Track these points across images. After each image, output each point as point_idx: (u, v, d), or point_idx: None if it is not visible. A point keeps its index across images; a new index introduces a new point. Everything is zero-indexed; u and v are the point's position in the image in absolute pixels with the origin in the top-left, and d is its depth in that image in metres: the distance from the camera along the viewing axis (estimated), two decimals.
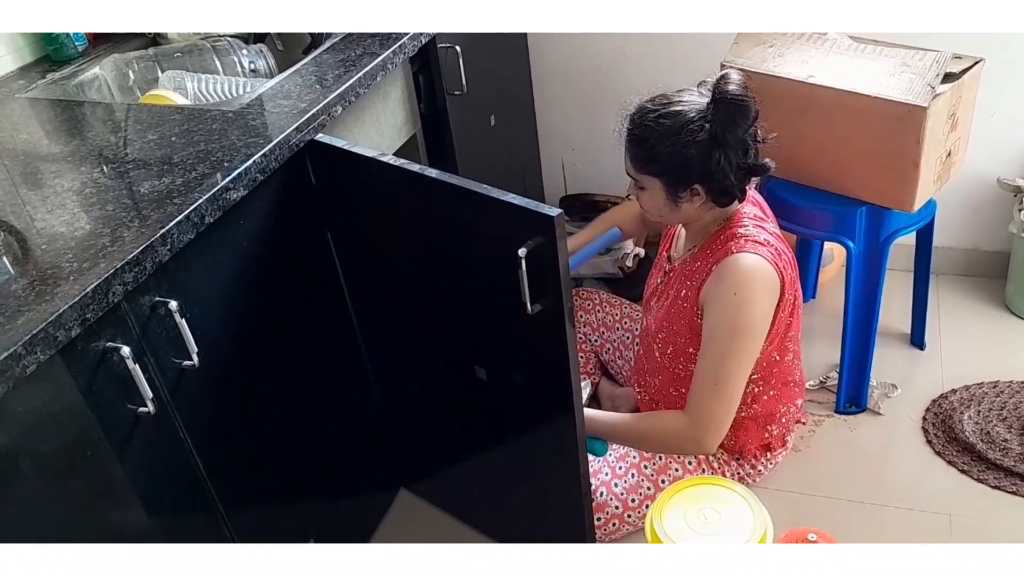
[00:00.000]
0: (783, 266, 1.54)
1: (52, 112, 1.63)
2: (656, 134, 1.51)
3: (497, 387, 1.55)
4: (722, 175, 1.50)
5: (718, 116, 1.47)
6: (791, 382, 1.74)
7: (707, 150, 1.48)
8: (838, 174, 1.85)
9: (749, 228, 1.56)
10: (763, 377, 1.67)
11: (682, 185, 1.53)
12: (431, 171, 1.35)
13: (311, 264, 1.56)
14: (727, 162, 1.49)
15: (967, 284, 2.43)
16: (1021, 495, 1.80)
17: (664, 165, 1.53)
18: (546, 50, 2.51)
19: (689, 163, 1.50)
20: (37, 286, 1.06)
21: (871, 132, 1.74)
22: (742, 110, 1.47)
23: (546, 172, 2.72)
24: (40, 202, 1.28)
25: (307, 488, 1.61)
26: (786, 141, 1.58)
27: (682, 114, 1.49)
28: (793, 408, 1.78)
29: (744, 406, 1.69)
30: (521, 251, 1.22)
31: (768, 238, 1.55)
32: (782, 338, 1.63)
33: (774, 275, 1.52)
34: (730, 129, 1.47)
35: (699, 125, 1.48)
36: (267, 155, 1.34)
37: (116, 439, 1.15)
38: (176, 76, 1.77)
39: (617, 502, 1.67)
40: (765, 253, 1.52)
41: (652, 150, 1.52)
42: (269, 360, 1.47)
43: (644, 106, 1.55)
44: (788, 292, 1.55)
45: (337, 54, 1.69)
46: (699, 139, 1.48)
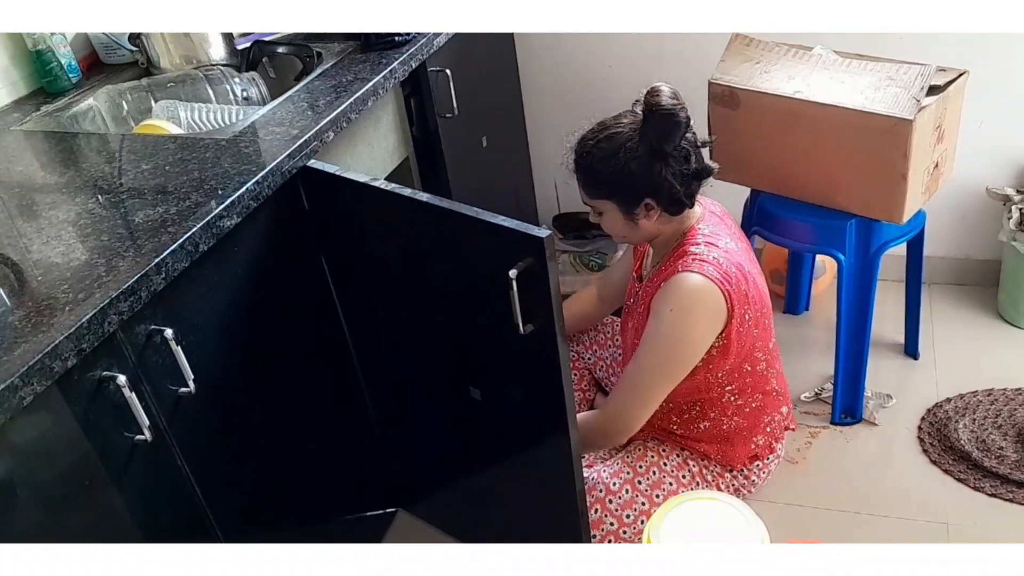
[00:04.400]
0: (732, 284, 1.55)
1: (47, 144, 1.64)
2: (597, 159, 1.55)
3: (492, 407, 1.56)
4: (668, 185, 1.53)
5: (651, 129, 1.51)
6: (771, 391, 1.75)
7: (647, 164, 1.52)
8: (827, 188, 1.86)
9: (700, 246, 1.58)
10: (738, 388, 1.69)
11: (634, 202, 1.57)
12: (422, 195, 1.36)
13: (306, 289, 1.57)
14: (669, 172, 1.52)
15: (959, 293, 2.45)
16: (1018, 502, 1.81)
17: (612, 187, 1.57)
18: (536, 69, 2.53)
19: (634, 180, 1.53)
20: (33, 317, 1.07)
21: (858, 146, 1.76)
22: (672, 120, 1.50)
23: (539, 191, 2.74)
24: (36, 233, 1.29)
25: (305, 512, 1.62)
26: (774, 156, 1.60)
27: (619, 135, 1.54)
28: (778, 416, 1.79)
29: (725, 418, 1.70)
30: (512, 272, 1.24)
31: (718, 255, 1.56)
32: (750, 350, 1.65)
33: (716, 294, 1.53)
34: (665, 140, 1.51)
35: (635, 142, 1.52)
36: (260, 182, 1.35)
37: (114, 468, 1.15)
38: (169, 105, 1.78)
39: (612, 519, 1.68)
40: (710, 272, 1.54)
41: (597, 175, 1.57)
42: (265, 385, 1.48)
43: (584, 136, 1.60)
44: (739, 308, 1.56)
45: (328, 80, 1.71)
46: (638, 155, 1.52)
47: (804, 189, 1.90)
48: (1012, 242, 2.18)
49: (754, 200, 2.02)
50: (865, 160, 1.77)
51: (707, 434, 1.73)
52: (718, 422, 1.71)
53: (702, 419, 1.72)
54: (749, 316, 1.59)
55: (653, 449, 1.76)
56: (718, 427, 1.72)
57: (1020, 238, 2.15)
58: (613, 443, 1.69)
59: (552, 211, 2.75)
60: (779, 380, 1.79)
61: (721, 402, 1.69)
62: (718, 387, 1.67)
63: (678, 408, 1.73)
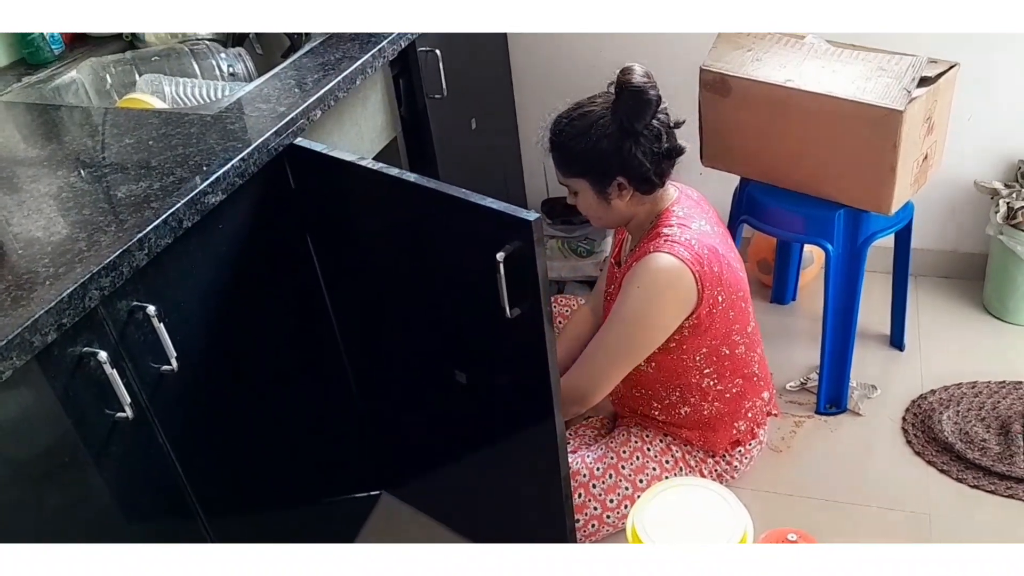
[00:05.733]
0: (704, 265, 1.55)
1: (28, 116, 1.62)
2: (570, 136, 1.58)
3: (477, 391, 1.55)
4: (638, 163, 1.55)
5: (621, 107, 1.53)
6: (751, 375, 1.76)
7: (617, 141, 1.54)
8: (816, 177, 1.86)
9: (673, 228, 1.59)
10: (716, 371, 1.69)
11: (605, 180, 1.59)
12: (410, 175, 1.35)
13: (290, 268, 1.55)
14: (639, 150, 1.54)
15: (945, 286, 2.45)
16: (999, 494, 1.82)
17: (583, 164, 1.59)
18: (526, 53, 2.51)
19: (604, 157, 1.56)
20: (13, 291, 1.05)
21: (848, 136, 1.75)
22: (642, 98, 1.52)
23: (528, 175, 2.73)
24: (16, 207, 1.27)
25: (288, 492, 1.61)
26: (764, 145, 1.60)
27: (591, 113, 1.57)
28: (759, 402, 1.80)
29: (706, 403, 1.71)
30: (499, 255, 1.23)
31: (690, 237, 1.57)
32: (727, 332, 1.66)
33: (686, 275, 1.55)
34: (635, 117, 1.53)
35: (607, 120, 1.54)
36: (246, 159, 1.34)
37: (94, 445, 1.14)
38: (154, 80, 1.76)
39: (596, 503, 1.68)
40: (681, 252, 1.55)
41: (569, 152, 1.60)
42: (248, 364, 1.47)
43: (559, 115, 1.62)
44: (711, 290, 1.57)
45: (316, 58, 1.69)
46: (608, 132, 1.54)
47: (793, 178, 1.89)
48: (999, 236, 2.18)
49: (743, 189, 2.01)
50: (854, 150, 1.76)
51: (688, 420, 1.74)
52: (698, 408, 1.72)
53: (682, 404, 1.72)
54: (723, 298, 1.60)
55: (636, 435, 1.76)
56: (699, 413, 1.72)
57: (1007, 232, 2.16)
58: (568, 413, 1.68)
59: (541, 195, 2.73)
60: (760, 365, 1.79)
61: (701, 387, 1.70)
62: (697, 371, 1.67)
63: (658, 394, 1.73)
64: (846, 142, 1.76)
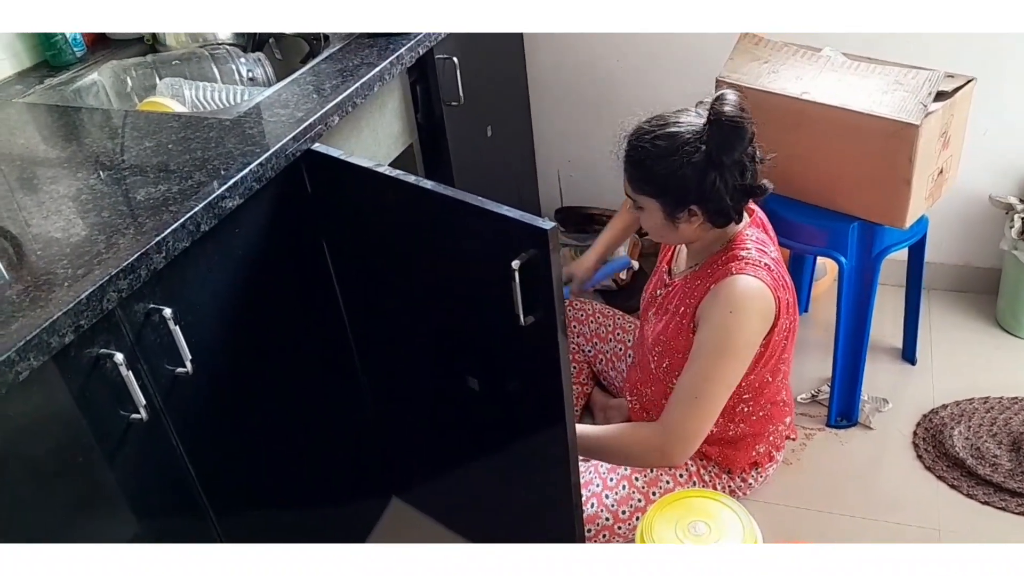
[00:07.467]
0: (781, 292, 1.54)
1: (49, 117, 1.63)
2: (652, 155, 1.49)
3: (490, 397, 1.55)
4: (718, 196, 1.48)
5: (713, 137, 1.46)
6: (779, 401, 1.75)
7: (702, 171, 1.47)
8: (831, 190, 1.86)
9: (751, 251, 1.55)
10: (753, 397, 1.67)
11: (679, 206, 1.52)
12: (426, 182, 1.35)
13: (306, 273, 1.56)
14: (723, 183, 1.48)
15: (959, 300, 2.44)
16: (1010, 511, 1.81)
17: (660, 186, 1.52)
18: (543, 61, 2.52)
19: (685, 184, 1.48)
20: (32, 292, 1.06)
21: (864, 149, 1.75)
22: (738, 131, 1.46)
23: (542, 183, 2.73)
24: (36, 208, 1.28)
25: (299, 495, 1.62)
26: (779, 157, 1.59)
27: (678, 135, 1.48)
28: (782, 427, 1.79)
29: (732, 424, 1.70)
30: (515, 263, 1.23)
31: (769, 262, 1.54)
32: (776, 360, 1.63)
33: (770, 300, 1.52)
34: (725, 151, 1.46)
35: (695, 146, 1.46)
36: (263, 164, 1.35)
37: (108, 445, 1.15)
38: (174, 83, 1.77)
39: (608, 514, 1.68)
40: (765, 277, 1.51)
41: (648, 171, 1.51)
42: (263, 368, 1.47)
43: (641, 127, 1.54)
44: (783, 317, 1.55)
45: (335, 64, 1.70)
46: (695, 160, 1.46)
47: (807, 190, 1.89)
48: (1013, 251, 2.17)
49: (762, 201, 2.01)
50: (870, 163, 1.76)
51: (711, 436, 1.72)
52: (724, 428, 1.70)
53: None
54: (787, 326, 1.58)
55: None
56: (724, 432, 1.71)
57: (1021, 247, 2.15)
58: (671, 462, 1.56)
59: (555, 204, 2.74)
60: (787, 391, 1.78)
61: (734, 410, 1.68)
62: (735, 396, 1.63)
63: None
64: (861, 155, 1.76)
